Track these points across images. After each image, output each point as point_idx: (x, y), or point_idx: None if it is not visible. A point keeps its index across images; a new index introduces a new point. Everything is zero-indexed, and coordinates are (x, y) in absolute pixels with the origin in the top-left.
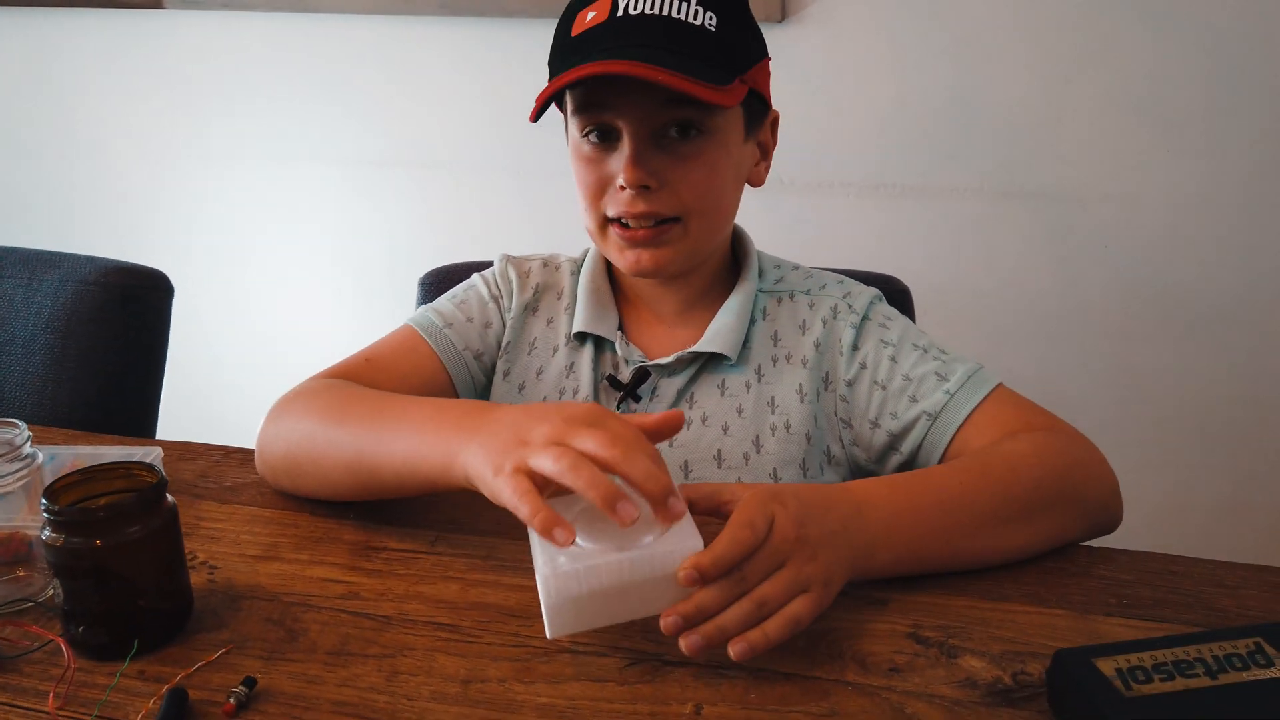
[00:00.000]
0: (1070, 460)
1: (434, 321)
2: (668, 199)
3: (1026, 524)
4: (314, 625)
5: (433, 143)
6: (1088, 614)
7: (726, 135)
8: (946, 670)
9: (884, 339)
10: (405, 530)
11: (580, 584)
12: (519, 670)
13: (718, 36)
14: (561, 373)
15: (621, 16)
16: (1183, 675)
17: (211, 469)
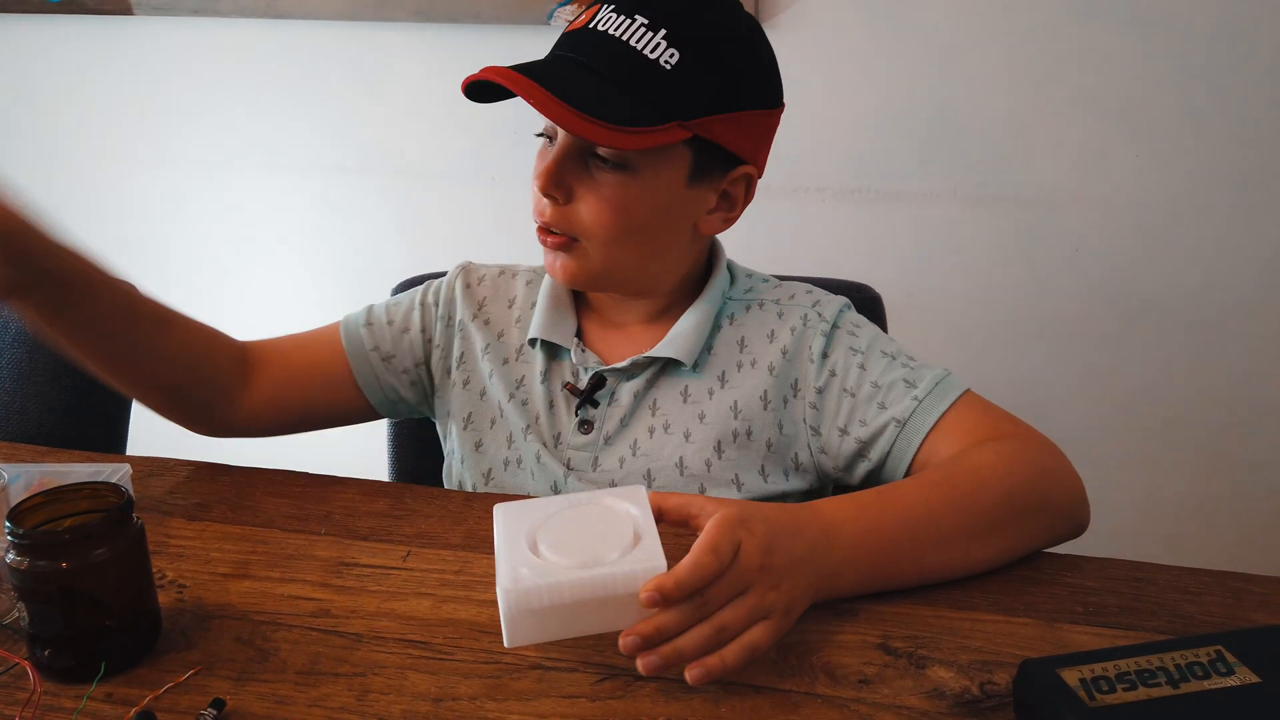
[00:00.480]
0: (1036, 469)
1: (357, 318)
2: (566, 217)
3: (994, 536)
4: (284, 644)
5: (405, 150)
6: (1055, 622)
7: (653, 176)
8: (915, 681)
9: (853, 346)
10: (378, 545)
11: (540, 598)
12: (490, 688)
13: (669, 75)
14: (511, 385)
15: (589, 29)
16: (1145, 685)
17: (181, 485)
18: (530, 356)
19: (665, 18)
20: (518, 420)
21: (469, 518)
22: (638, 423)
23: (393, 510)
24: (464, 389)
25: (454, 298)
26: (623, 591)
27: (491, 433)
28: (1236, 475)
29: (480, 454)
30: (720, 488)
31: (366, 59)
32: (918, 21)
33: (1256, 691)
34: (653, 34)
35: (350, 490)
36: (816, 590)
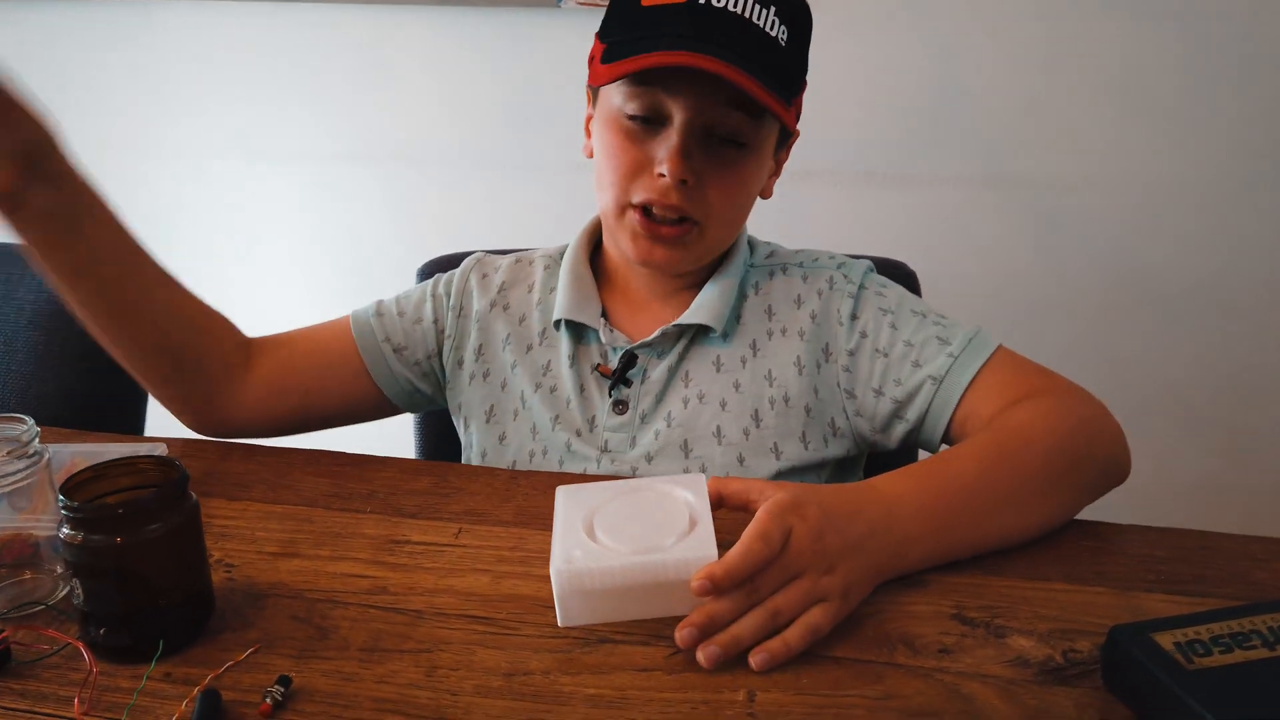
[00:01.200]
0: (1077, 420)
1: (368, 310)
2: (698, 200)
3: (1047, 495)
4: (344, 622)
5: (405, 137)
6: (1128, 591)
7: (763, 150)
8: (996, 650)
9: (882, 307)
10: (427, 523)
11: (591, 580)
12: (562, 662)
13: (786, 52)
14: (538, 370)
15: (703, 5)
16: (1241, 647)
17: (217, 466)
18: (555, 340)
19: None
20: (545, 411)
21: (516, 495)
22: (672, 395)
23: (437, 488)
24: (484, 381)
25: (468, 288)
26: (674, 578)
27: (515, 425)
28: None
29: (504, 447)
30: (759, 456)
31: (367, 43)
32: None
33: None
34: (766, 11)
35: (390, 469)
36: (879, 569)
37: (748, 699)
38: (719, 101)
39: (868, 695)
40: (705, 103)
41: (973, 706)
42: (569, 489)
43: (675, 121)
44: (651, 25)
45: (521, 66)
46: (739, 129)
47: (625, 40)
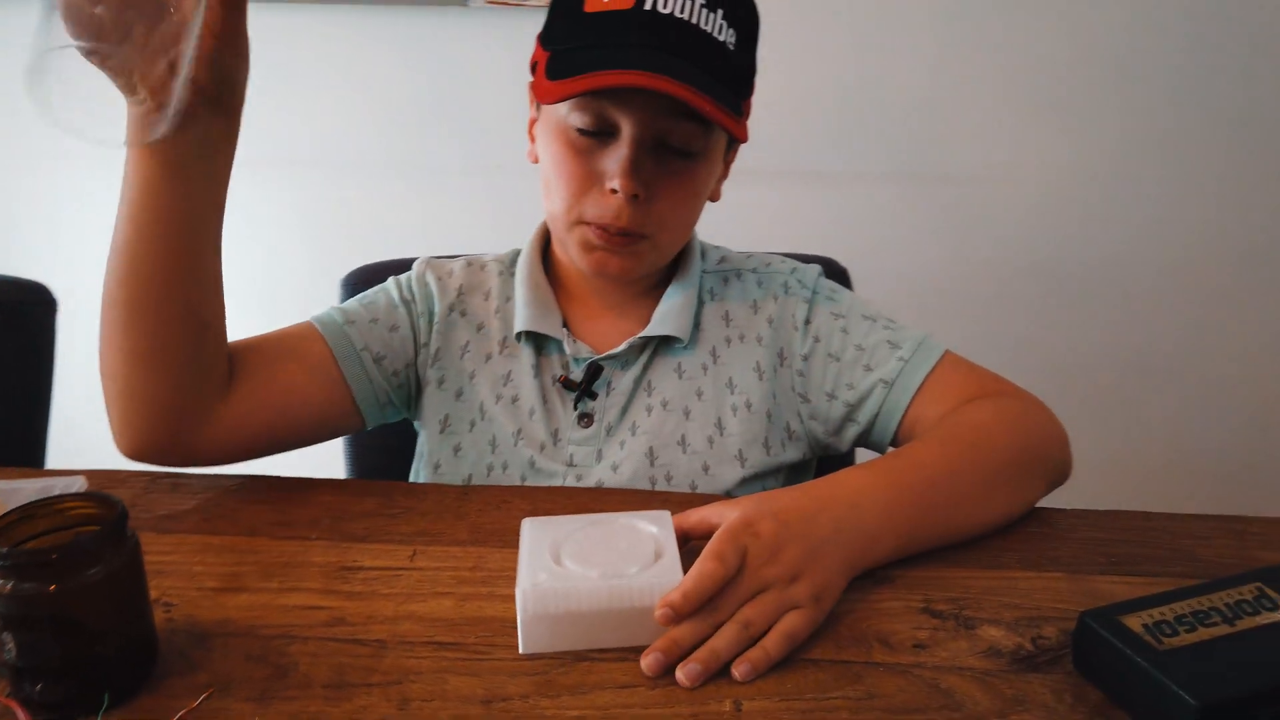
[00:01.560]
0: (1031, 422)
1: (334, 318)
2: (648, 214)
3: (1007, 489)
4: (303, 658)
5: (310, 141)
6: (1082, 574)
7: (714, 157)
8: (969, 642)
9: (834, 311)
10: (378, 546)
11: (557, 604)
12: (540, 685)
13: (735, 56)
14: (497, 380)
15: (649, 11)
16: (1203, 625)
17: (140, 497)
18: (516, 350)
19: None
20: (506, 423)
21: (468, 512)
22: (636, 405)
23: (384, 509)
24: (439, 389)
25: (429, 292)
26: (639, 604)
27: (471, 436)
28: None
29: (459, 459)
30: (724, 464)
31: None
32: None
33: None
34: (714, 15)
35: (332, 491)
36: (850, 565)
37: (734, 709)
38: (669, 113)
39: (850, 696)
40: (655, 115)
41: (954, 700)
42: (535, 520)
43: (624, 134)
44: (597, 33)
45: (430, 67)
46: (690, 139)
47: (570, 50)
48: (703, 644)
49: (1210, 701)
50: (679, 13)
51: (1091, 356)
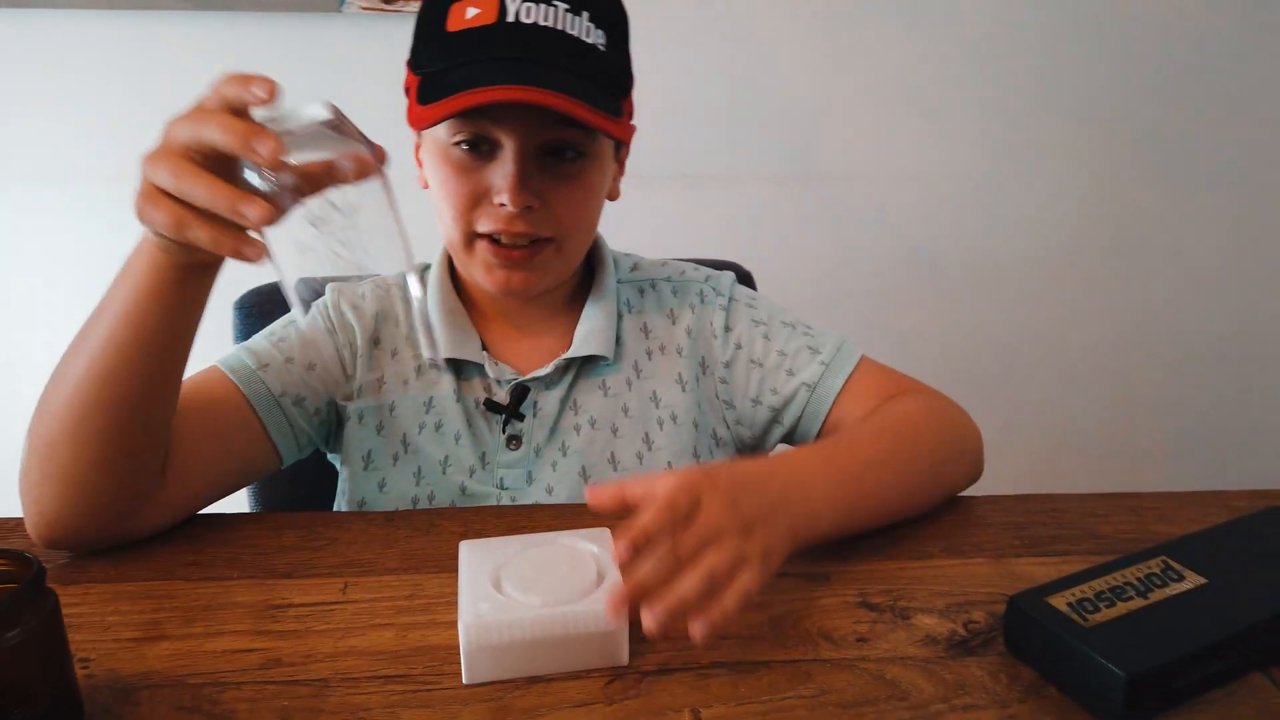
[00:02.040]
0: (951, 418)
1: (246, 363)
2: (546, 220)
3: (934, 477)
4: (240, 706)
5: None
6: (1002, 558)
7: (603, 156)
8: (906, 632)
9: (754, 318)
10: (306, 582)
11: (501, 635)
12: (496, 711)
13: (607, 57)
14: (420, 408)
15: (513, 23)
16: (1121, 600)
17: (34, 547)
18: (434, 377)
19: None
20: (433, 451)
21: (397, 539)
22: (564, 425)
23: (307, 542)
24: (359, 424)
25: (348, 323)
26: (584, 630)
27: (395, 470)
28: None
29: (384, 494)
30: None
31: (129, 53)
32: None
33: (1210, 590)
34: (579, 18)
35: (248, 526)
36: (795, 533)
37: (693, 716)
38: (549, 122)
39: (804, 695)
40: (531, 125)
41: (900, 690)
42: (472, 543)
43: (507, 149)
44: (463, 51)
45: (305, 75)
46: (573, 143)
47: (439, 71)
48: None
49: (1136, 671)
50: (543, 21)
51: (971, 345)
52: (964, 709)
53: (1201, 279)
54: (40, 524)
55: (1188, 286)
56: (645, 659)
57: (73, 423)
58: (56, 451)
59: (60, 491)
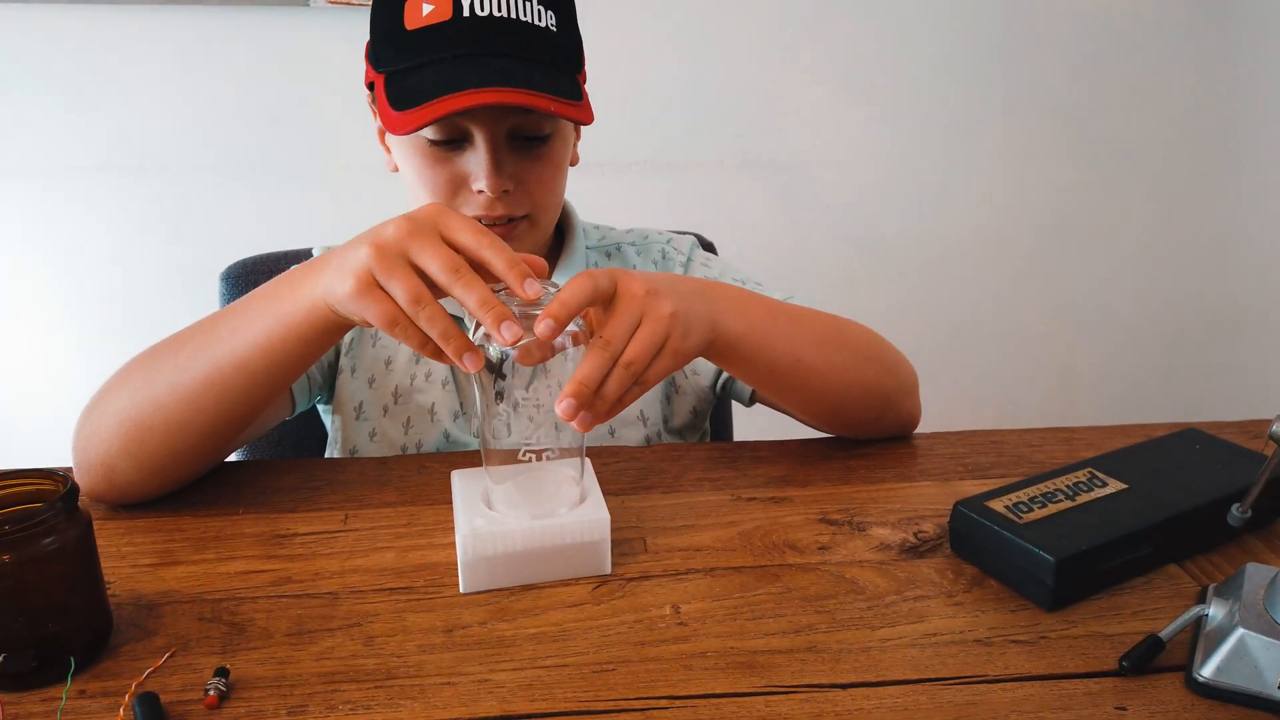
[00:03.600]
0: (885, 345)
1: None
2: (521, 199)
3: (858, 361)
4: (258, 614)
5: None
6: (947, 481)
7: (565, 132)
8: (863, 541)
9: (708, 274)
10: (309, 514)
11: (494, 546)
12: (495, 612)
13: (559, 39)
14: (410, 359)
15: (469, 17)
16: (1052, 503)
17: None
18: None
19: None
20: (422, 400)
21: (390, 479)
22: (538, 380)
23: (306, 483)
24: (351, 376)
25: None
26: (571, 540)
27: (386, 420)
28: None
29: (375, 443)
30: (627, 426)
31: (96, 46)
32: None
33: (1129, 493)
34: (529, 2)
35: (248, 472)
36: (712, 325)
37: (674, 611)
38: (515, 110)
39: (772, 591)
40: (503, 116)
41: (857, 586)
42: (462, 471)
43: (479, 140)
44: (422, 48)
45: (273, 68)
46: (539, 126)
47: (404, 70)
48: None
49: (1063, 556)
50: (497, 11)
51: (916, 325)
52: (915, 599)
53: (1128, 258)
54: (102, 486)
55: (1119, 264)
56: (628, 568)
57: (179, 418)
58: (151, 435)
59: (140, 467)
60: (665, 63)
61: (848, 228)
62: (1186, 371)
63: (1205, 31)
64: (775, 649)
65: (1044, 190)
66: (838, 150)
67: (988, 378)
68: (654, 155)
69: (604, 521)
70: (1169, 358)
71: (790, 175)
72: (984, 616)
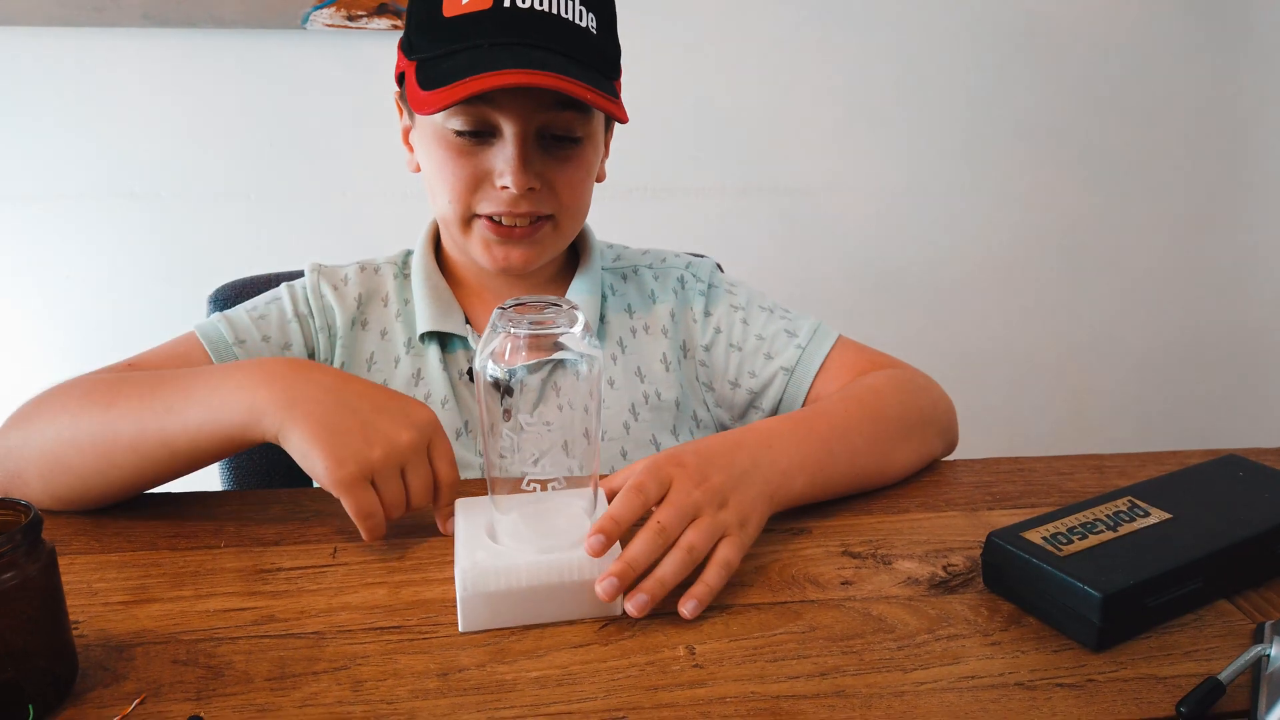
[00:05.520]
0: (919, 387)
1: (223, 336)
2: (547, 199)
3: (904, 443)
4: (236, 657)
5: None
6: (974, 511)
7: (597, 138)
8: (889, 575)
9: (733, 304)
10: (295, 548)
11: (496, 581)
12: (494, 654)
13: (599, 41)
14: (409, 382)
15: (509, 8)
16: (1093, 534)
17: None
18: (421, 350)
19: None
20: None
21: None
22: (548, 397)
23: (293, 514)
24: None
25: (327, 305)
26: (577, 578)
27: None
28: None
29: None
30: (640, 449)
31: (86, 70)
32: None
33: (1175, 523)
34: (571, 2)
35: (231, 503)
36: (771, 496)
37: (688, 653)
38: (548, 105)
39: (794, 630)
40: (535, 110)
41: (885, 624)
42: (467, 500)
43: (508, 134)
44: (459, 36)
45: (269, 91)
46: (572, 126)
47: (437, 56)
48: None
49: (1110, 591)
50: (538, 5)
51: (928, 348)
52: (949, 639)
53: (1141, 284)
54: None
55: (1132, 290)
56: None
57: (95, 467)
58: (67, 473)
59: (50, 494)
60: (670, 86)
61: (855, 254)
62: (1203, 398)
63: (1216, 54)
64: (800, 693)
65: (1055, 215)
66: (844, 175)
67: (999, 404)
68: (657, 180)
69: (614, 557)
70: (1184, 384)
71: (796, 200)
72: (1025, 657)
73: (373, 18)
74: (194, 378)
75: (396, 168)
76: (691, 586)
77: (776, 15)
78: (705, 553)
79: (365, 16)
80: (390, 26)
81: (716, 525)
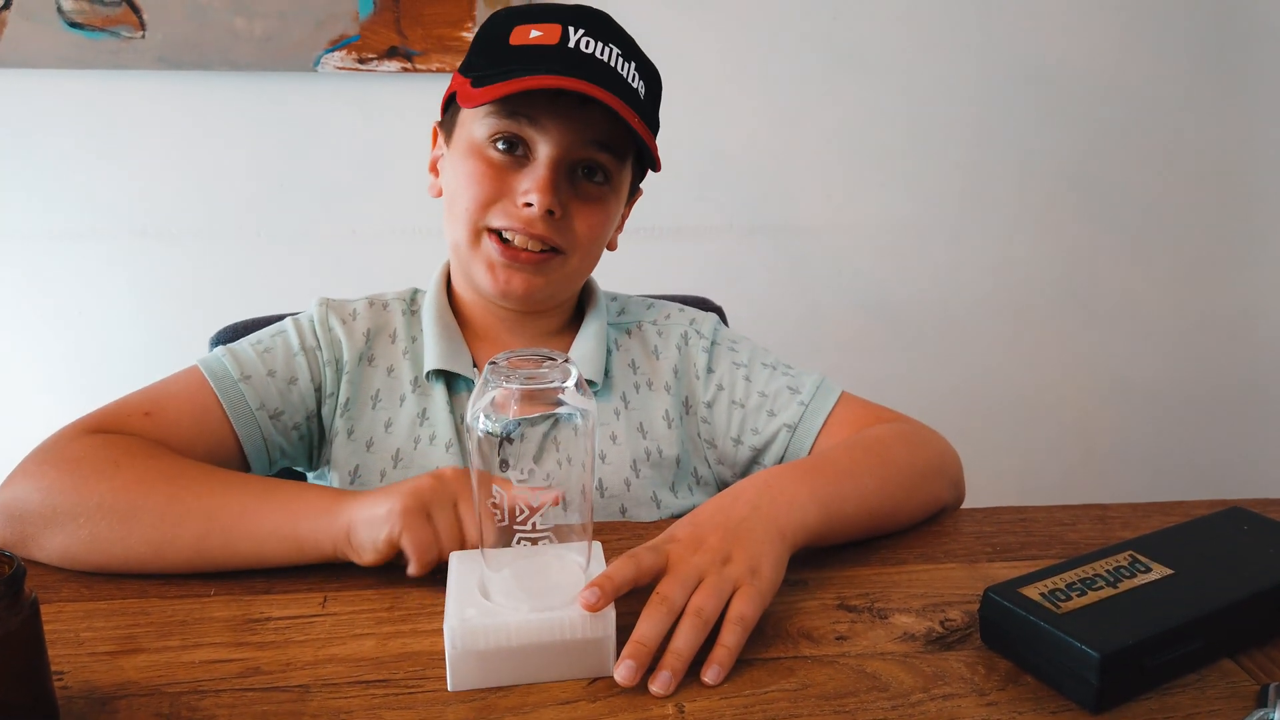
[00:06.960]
0: (925, 439)
1: (229, 371)
2: (564, 230)
3: (914, 490)
4: (220, 712)
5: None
6: (974, 563)
7: (621, 192)
8: (885, 630)
9: (735, 360)
10: (285, 596)
11: (486, 639)
12: (480, 710)
13: (645, 105)
14: (414, 421)
15: (573, 49)
16: (1092, 590)
17: None
18: (428, 389)
19: (631, 52)
20: (424, 463)
21: None
22: (549, 450)
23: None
24: (349, 439)
25: (335, 339)
26: (569, 637)
27: (382, 485)
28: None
29: None
30: (640, 506)
31: (101, 111)
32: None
33: (1176, 579)
34: (629, 65)
35: None
36: (780, 532)
37: (678, 711)
38: (586, 141)
39: (786, 688)
40: (573, 140)
41: (880, 681)
42: (461, 554)
43: (542, 156)
44: (520, 59)
45: (281, 133)
46: (604, 166)
47: (494, 72)
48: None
49: (1109, 651)
50: (599, 55)
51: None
52: (944, 698)
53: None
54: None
55: (1140, 333)
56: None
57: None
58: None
59: (69, 558)
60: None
61: (859, 294)
62: (1212, 445)
63: (1222, 97)
64: None
65: (1060, 257)
66: (849, 215)
67: (1005, 449)
68: (662, 220)
69: (609, 617)
70: (1193, 430)
71: (801, 241)
72: (1022, 719)
73: (383, 60)
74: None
75: (406, 208)
76: (711, 651)
77: (784, 58)
78: (716, 613)
79: (376, 59)
80: (400, 69)
81: (723, 582)
